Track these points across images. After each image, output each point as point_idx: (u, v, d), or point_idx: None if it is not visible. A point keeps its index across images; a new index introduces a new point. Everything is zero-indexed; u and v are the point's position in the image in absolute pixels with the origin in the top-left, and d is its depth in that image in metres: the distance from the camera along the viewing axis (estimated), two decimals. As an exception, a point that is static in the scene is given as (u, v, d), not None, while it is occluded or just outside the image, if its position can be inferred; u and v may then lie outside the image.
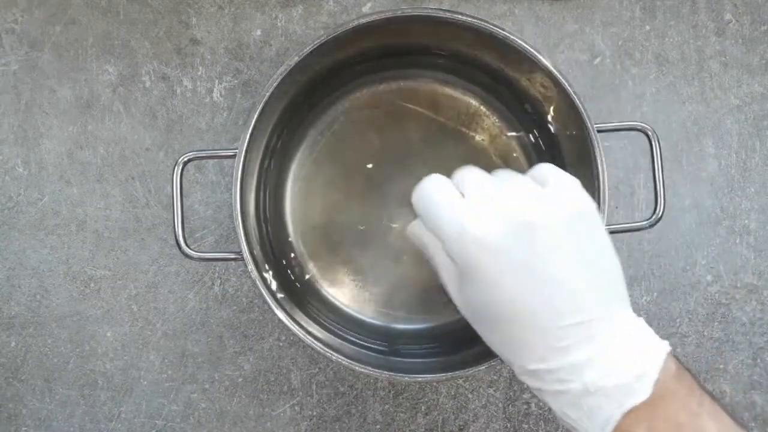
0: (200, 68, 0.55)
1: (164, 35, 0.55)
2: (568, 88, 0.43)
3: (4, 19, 0.54)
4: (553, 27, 0.55)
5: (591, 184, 0.43)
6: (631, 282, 0.54)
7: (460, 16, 0.43)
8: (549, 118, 0.48)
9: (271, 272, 0.46)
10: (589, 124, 0.42)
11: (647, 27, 0.55)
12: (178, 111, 0.54)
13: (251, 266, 0.42)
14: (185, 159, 0.42)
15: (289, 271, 0.50)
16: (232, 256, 0.44)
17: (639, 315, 0.35)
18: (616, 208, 0.54)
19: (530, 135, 0.51)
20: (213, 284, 0.54)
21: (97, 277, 0.54)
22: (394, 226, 0.50)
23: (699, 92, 0.55)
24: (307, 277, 0.50)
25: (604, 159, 0.42)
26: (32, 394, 0.53)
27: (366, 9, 0.55)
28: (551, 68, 0.43)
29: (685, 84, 0.55)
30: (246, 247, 0.42)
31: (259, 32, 0.55)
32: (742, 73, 0.55)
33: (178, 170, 0.42)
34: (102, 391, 0.53)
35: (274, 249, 0.49)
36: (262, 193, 0.49)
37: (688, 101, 0.55)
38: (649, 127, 0.44)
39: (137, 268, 0.54)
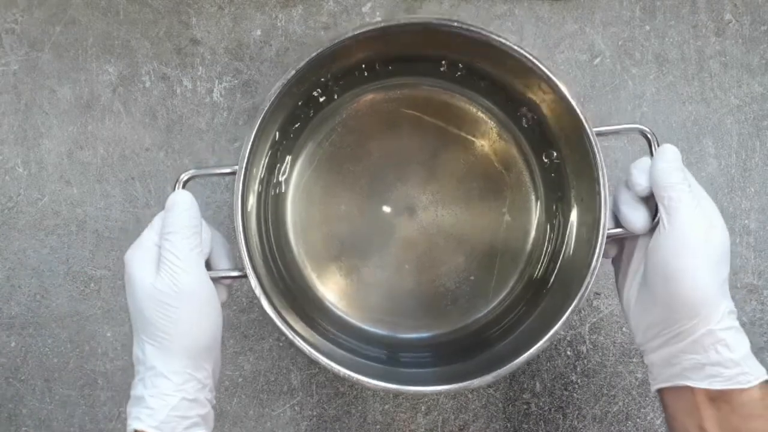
0: (200, 68, 0.54)
1: (164, 35, 0.55)
2: (566, 93, 0.42)
3: (4, 19, 0.54)
4: (553, 27, 0.55)
5: (591, 186, 0.43)
6: (631, 282, 0.54)
7: (457, 24, 0.42)
8: (548, 122, 0.47)
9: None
10: (587, 128, 0.42)
11: (647, 27, 0.55)
12: (178, 111, 0.54)
13: (251, 272, 0.41)
14: (186, 177, 0.42)
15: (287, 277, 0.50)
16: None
17: None
18: (616, 208, 0.54)
19: (530, 139, 0.50)
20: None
21: (97, 277, 0.54)
22: (394, 234, 0.50)
23: (699, 92, 0.55)
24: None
25: (603, 162, 0.42)
26: (32, 394, 0.53)
27: (366, 9, 0.55)
28: (549, 74, 0.43)
29: (685, 84, 0.55)
30: (247, 256, 0.41)
31: (259, 32, 0.55)
32: (742, 73, 0.55)
33: (179, 187, 0.41)
34: (102, 391, 0.53)
35: (275, 258, 0.49)
36: (262, 206, 0.48)
37: (688, 101, 0.55)
38: (647, 129, 0.44)
39: (137, 268, 0.54)
